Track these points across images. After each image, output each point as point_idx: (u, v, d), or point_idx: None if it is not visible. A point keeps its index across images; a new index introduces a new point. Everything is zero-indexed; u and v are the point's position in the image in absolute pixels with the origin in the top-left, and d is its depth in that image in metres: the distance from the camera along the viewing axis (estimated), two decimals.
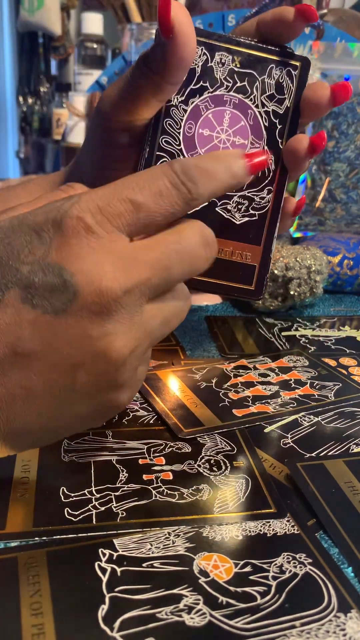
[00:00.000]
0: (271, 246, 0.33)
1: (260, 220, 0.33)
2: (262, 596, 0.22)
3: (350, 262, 0.60)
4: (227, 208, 0.33)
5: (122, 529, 0.26)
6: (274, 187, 0.33)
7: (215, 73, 0.32)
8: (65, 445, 0.32)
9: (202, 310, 0.55)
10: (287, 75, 0.32)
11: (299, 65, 0.33)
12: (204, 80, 0.32)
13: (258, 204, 0.33)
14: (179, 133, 0.32)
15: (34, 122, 1.53)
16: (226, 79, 0.32)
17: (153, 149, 0.32)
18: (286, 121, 0.33)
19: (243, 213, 0.33)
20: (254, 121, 0.33)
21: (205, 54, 0.32)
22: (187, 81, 0.32)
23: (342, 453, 0.32)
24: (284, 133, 0.33)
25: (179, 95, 0.32)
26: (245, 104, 0.32)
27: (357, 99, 0.68)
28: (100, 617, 0.21)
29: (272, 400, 0.38)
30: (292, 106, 0.33)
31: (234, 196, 0.33)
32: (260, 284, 0.34)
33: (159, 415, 0.35)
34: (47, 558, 0.24)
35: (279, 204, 0.33)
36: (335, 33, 0.75)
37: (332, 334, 0.50)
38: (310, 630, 0.21)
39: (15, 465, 0.30)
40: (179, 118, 0.32)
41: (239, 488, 0.29)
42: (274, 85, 0.33)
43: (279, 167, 0.33)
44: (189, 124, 0.32)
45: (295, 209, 0.35)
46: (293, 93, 0.33)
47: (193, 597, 0.22)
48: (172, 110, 0.32)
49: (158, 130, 0.32)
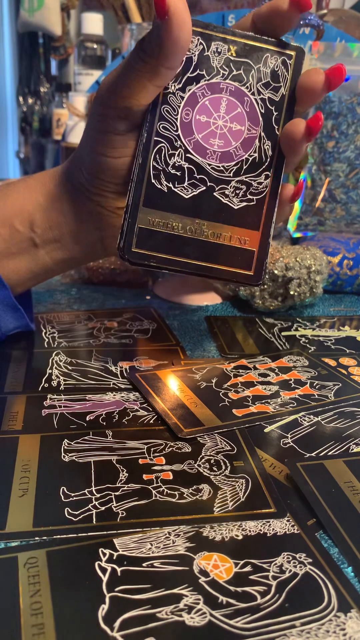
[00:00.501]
0: (270, 231, 0.34)
1: (258, 205, 0.34)
2: (262, 596, 0.22)
3: (350, 262, 0.60)
4: (225, 193, 0.33)
5: (122, 528, 0.26)
6: (271, 172, 0.34)
7: (211, 62, 0.33)
8: (65, 445, 0.32)
9: (202, 310, 0.55)
10: (282, 63, 0.33)
11: (293, 54, 0.33)
12: (200, 68, 0.33)
13: (256, 189, 0.33)
14: (176, 119, 0.33)
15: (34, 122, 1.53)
16: (222, 67, 0.33)
17: (151, 135, 0.33)
18: (282, 108, 0.33)
19: (241, 198, 0.33)
20: (250, 108, 0.33)
21: (202, 44, 0.33)
22: (184, 69, 0.33)
23: (342, 453, 0.32)
24: (280, 120, 0.33)
25: (176, 82, 0.33)
26: (242, 91, 0.33)
27: (357, 99, 0.68)
28: (101, 616, 0.21)
29: (272, 400, 0.38)
30: (288, 94, 0.34)
31: (232, 181, 0.33)
32: (260, 269, 0.34)
33: (159, 415, 0.35)
34: (47, 558, 0.24)
35: (276, 189, 0.34)
36: (335, 33, 0.75)
37: (332, 334, 0.50)
38: (310, 630, 0.21)
39: (15, 465, 0.30)
40: (176, 105, 0.33)
41: (239, 488, 0.29)
42: (269, 73, 0.33)
43: (276, 153, 0.34)
44: (186, 111, 0.33)
45: (293, 195, 0.35)
46: (288, 81, 0.33)
47: (193, 596, 0.22)
48: (170, 97, 0.33)
49: (156, 116, 0.33)
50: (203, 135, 0.33)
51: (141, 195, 0.33)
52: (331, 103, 0.68)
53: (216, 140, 0.33)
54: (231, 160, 0.34)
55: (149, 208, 0.33)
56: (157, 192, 0.33)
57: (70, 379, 0.39)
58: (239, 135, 0.33)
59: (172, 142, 0.33)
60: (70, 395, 0.37)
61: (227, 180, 0.33)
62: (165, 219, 0.33)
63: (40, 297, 0.56)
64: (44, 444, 0.32)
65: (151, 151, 0.33)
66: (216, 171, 0.34)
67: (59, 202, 0.38)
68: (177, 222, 0.33)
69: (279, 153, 0.34)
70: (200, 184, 0.34)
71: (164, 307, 0.55)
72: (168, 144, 0.33)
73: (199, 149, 0.33)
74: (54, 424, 0.34)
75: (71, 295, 0.57)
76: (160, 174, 0.33)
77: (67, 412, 0.35)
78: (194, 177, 0.33)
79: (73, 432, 0.33)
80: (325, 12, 0.79)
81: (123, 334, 0.47)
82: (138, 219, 0.33)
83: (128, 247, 0.33)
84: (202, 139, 0.33)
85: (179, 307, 0.55)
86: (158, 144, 0.33)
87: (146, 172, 0.33)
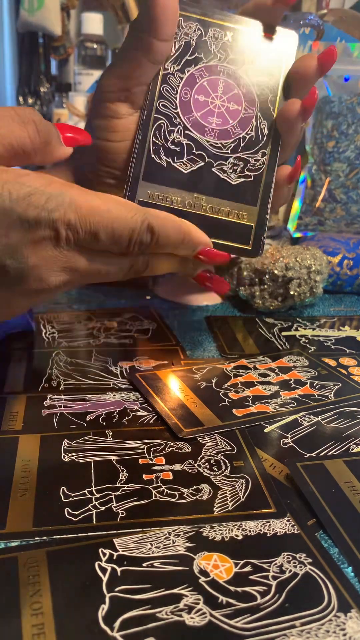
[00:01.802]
0: (267, 207, 0.35)
1: (255, 181, 0.35)
2: (262, 596, 0.22)
3: (350, 262, 0.60)
4: (223, 169, 0.35)
5: (122, 528, 0.26)
6: (268, 150, 0.35)
7: (209, 46, 0.34)
8: (65, 445, 0.32)
9: (202, 310, 0.55)
10: (276, 49, 0.35)
11: (287, 40, 0.35)
12: (198, 52, 0.34)
13: (253, 166, 0.35)
14: (175, 98, 0.34)
15: None
16: (219, 51, 0.34)
17: (151, 112, 0.34)
18: (277, 91, 0.35)
19: (239, 174, 0.35)
20: (247, 90, 0.35)
21: (200, 29, 0.34)
22: (182, 53, 0.34)
23: (342, 453, 0.32)
24: (275, 102, 0.35)
25: (175, 64, 0.34)
26: (238, 74, 0.35)
27: (357, 99, 0.68)
28: (101, 616, 0.21)
29: (272, 400, 0.38)
30: (283, 78, 0.35)
31: (230, 157, 0.35)
32: (257, 243, 0.35)
33: (159, 415, 0.35)
34: (47, 558, 0.24)
35: (273, 166, 0.35)
36: (335, 33, 0.75)
37: (332, 334, 0.50)
38: (310, 630, 0.21)
39: (15, 465, 0.30)
40: (175, 85, 0.34)
41: (239, 488, 0.29)
42: (264, 58, 0.35)
43: (273, 132, 0.35)
44: (185, 90, 0.34)
45: (290, 175, 0.36)
46: (282, 65, 0.35)
47: (193, 596, 0.22)
48: (169, 77, 0.34)
49: (155, 95, 0.34)
50: (201, 114, 0.34)
51: (141, 169, 0.34)
52: (331, 103, 0.68)
53: (214, 118, 0.35)
54: (229, 137, 0.35)
55: (149, 182, 0.34)
56: (157, 166, 0.34)
57: (70, 379, 0.39)
58: (236, 114, 0.35)
59: (171, 119, 0.34)
60: (70, 395, 0.37)
61: (225, 157, 0.34)
62: (164, 193, 0.34)
63: None
64: (44, 444, 0.32)
65: (151, 127, 0.34)
66: (214, 148, 0.35)
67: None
68: (176, 196, 0.34)
69: (275, 133, 0.35)
70: (199, 160, 0.35)
71: (164, 307, 0.55)
72: (167, 120, 0.34)
73: (197, 126, 0.35)
74: (54, 424, 0.34)
75: (71, 295, 0.57)
76: (160, 149, 0.34)
77: (67, 412, 0.35)
78: (193, 152, 0.35)
79: (73, 432, 0.33)
80: (325, 12, 0.79)
81: (123, 334, 0.47)
82: (138, 192, 0.34)
83: None
84: (201, 117, 0.34)
85: (179, 307, 0.55)
86: (158, 120, 0.34)
87: (146, 147, 0.34)
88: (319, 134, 0.70)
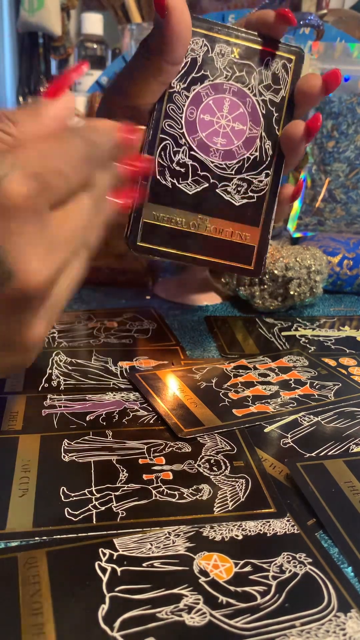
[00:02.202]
0: (269, 228, 0.35)
1: (258, 202, 0.35)
2: (262, 596, 0.22)
3: (350, 262, 0.60)
4: (227, 190, 0.35)
5: (122, 528, 0.26)
6: (271, 171, 0.35)
7: (215, 63, 0.34)
8: (65, 445, 0.32)
9: (202, 310, 0.55)
10: (282, 66, 0.35)
11: (293, 58, 0.35)
12: (204, 69, 0.34)
13: (256, 187, 0.35)
14: (181, 118, 0.34)
15: None
16: (226, 68, 0.34)
17: (156, 132, 0.34)
18: (282, 109, 0.35)
19: (242, 195, 0.35)
20: (252, 108, 0.35)
21: (206, 45, 0.34)
22: (188, 70, 0.34)
23: (342, 453, 0.32)
24: (280, 120, 0.35)
25: (181, 82, 0.34)
26: (244, 92, 0.34)
27: (357, 99, 0.68)
28: (101, 616, 0.21)
29: (272, 400, 0.38)
30: (288, 96, 0.35)
31: (234, 178, 0.35)
32: (259, 263, 0.36)
33: (159, 415, 0.35)
34: (47, 558, 0.24)
35: (276, 187, 0.35)
36: (335, 33, 0.75)
37: (332, 334, 0.50)
38: (310, 630, 0.21)
39: (15, 465, 0.30)
40: (181, 104, 0.34)
41: (239, 488, 0.29)
42: (270, 75, 0.34)
43: (276, 152, 0.35)
44: (190, 109, 0.34)
45: (293, 194, 0.37)
46: (288, 83, 0.35)
47: (193, 596, 0.22)
48: (175, 96, 0.34)
49: (161, 115, 0.34)
50: (207, 134, 0.34)
51: (147, 190, 0.34)
52: (331, 103, 0.68)
53: (219, 138, 0.34)
54: (233, 158, 0.35)
55: (154, 203, 0.34)
56: (162, 187, 0.34)
57: (70, 379, 0.39)
58: (241, 135, 0.34)
59: (177, 139, 0.34)
60: (70, 395, 0.37)
61: (229, 178, 0.34)
62: (169, 214, 0.34)
63: None
64: (44, 444, 0.32)
65: (157, 148, 0.34)
66: (219, 169, 0.35)
67: None
68: (180, 218, 0.34)
69: (279, 152, 0.35)
70: (204, 181, 0.35)
71: (164, 307, 0.55)
72: (173, 141, 0.34)
73: (202, 147, 0.34)
74: (54, 424, 0.34)
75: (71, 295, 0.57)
76: (165, 170, 0.34)
77: (67, 412, 0.35)
78: (198, 174, 0.35)
79: (73, 432, 0.33)
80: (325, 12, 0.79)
81: (123, 334, 0.47)
82: (143, 214, 0.34)
83: (133, 241, 0.35)
84: (206, 137, 0.34)
85: (179, 307, 0.55)
86: (163, 141, 0.34)
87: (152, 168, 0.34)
88: (319, 134, 0.70)
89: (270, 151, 0.35)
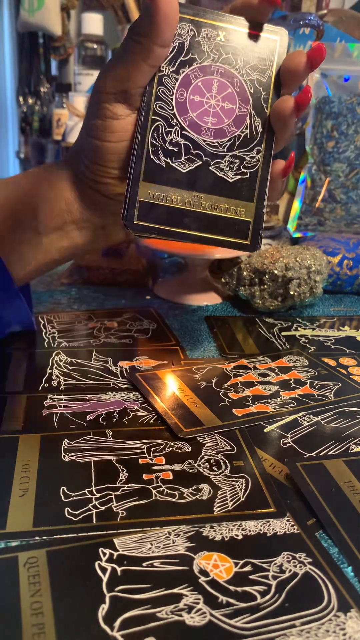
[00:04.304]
0: (263, 202, 0.36)
1: (251, 178, 0.36)
2: (262, 595, 0.22)
3: (350, 262, 0.60)
4: (220, 167, 0.35)
5: (122, 528, 0.26)
6: (262, 147, 0.36)
7: (202, 47, 0.35)
8: (65, 445, 0.32)
9: (202, 310, 0.55)
10: (267, 47, 0.36)
11: (278, 38, 0.36)
12: (192, 53, 0.35)
13: (249, 163, 0.36)
14: (171, 99, 0.35)
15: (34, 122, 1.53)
16: (212, 51, 0.35)
17: (148, 114, 0.35)
18: (269, 89, 0.36)
19: (235, 171, 0.36)
20: (240, 88, 0.36)
21: (193, 30, 0.35)
22: (176, 54, 0.35)
23: (342, 453, 0.32)
24: (268, 99, 0.36)
25: (170, 66, 0.35)
26: (231, 73, 0.35)
27: (357, 99, 0.68)
28: (101, 616, 0.21)
29: (272, 400, 0.38)
30: (274, 75, 0.36)
31: (226, 156, 0.35)
32: (255, 238, 0.36)
33: (159, 415, 0.35)
34: (47, 558, 0.24)
35: (268, 163, 0.36)
36: (335, 33, 0.75)
37: (332, 334, 0.50)
38: (310, 629, 0.21)
39: (15, 465, 0.30)
40: (171, 86, 0.35)
41: (239, 488, 0.29)
42: (256, 56, 0.35)
43: (267, 130, 0.36)
44: (180, 91, 0.35)
45: (284, 169, 0.37)
46: (274, 63, 0.36)
47: (193, 596, 0.22)
48: (164, 79, 0.35)
49: (152, 97, 0.35)
50: (197, 114, 0.35)
51: (141, 170, 0.35)
52: (331, 103, 0.68)
53: (210, 118, 0.35)
54: (224, 136, 0.36)
55: (149, 182, 0.35)
56: (156, 166, 0.35)
57: (70, 379, 0.39)
58: (230, 113, 0.35)
59: (168, 120, 0.35)
60: (70, 395, 0.37)
61: (222, 155, 0.35)
62: (164, 192, 0.35)
63: (40, 297, 0.56)
64: (44, 444, 0.32)
65: (149, 129, 0.35)
66: (211, 147, 0.35)
67: (61, 192, 0.38)
68: (175, 195, 0.35)
69: (269, 129, 0.36)
70: (197, 159, 0.35)
71: (164, 307, 0.55)
72: (165, 122, 0.35)
73: (194, 127, 0.35)
74: (54, 424, 0.34)
75: (71, 295, 0.57)
76: (159, 150, 0.35)
77: (67, 412, 0.35)
78: (190, 152, 0.35)
79: (73, 432, 0.33)
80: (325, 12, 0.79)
81: (123, 334, 0.47)
82: (139, 193, 0.35)
83: (130, 220, 0.35)
84: (197, 117, 0.35)
85: (179, 307, 0.55)
86: (155, 122, 0.35)
87: (145, 149, 0.35)
88: (319, 134, 0.70)
89: (260, 128, 0.36)
